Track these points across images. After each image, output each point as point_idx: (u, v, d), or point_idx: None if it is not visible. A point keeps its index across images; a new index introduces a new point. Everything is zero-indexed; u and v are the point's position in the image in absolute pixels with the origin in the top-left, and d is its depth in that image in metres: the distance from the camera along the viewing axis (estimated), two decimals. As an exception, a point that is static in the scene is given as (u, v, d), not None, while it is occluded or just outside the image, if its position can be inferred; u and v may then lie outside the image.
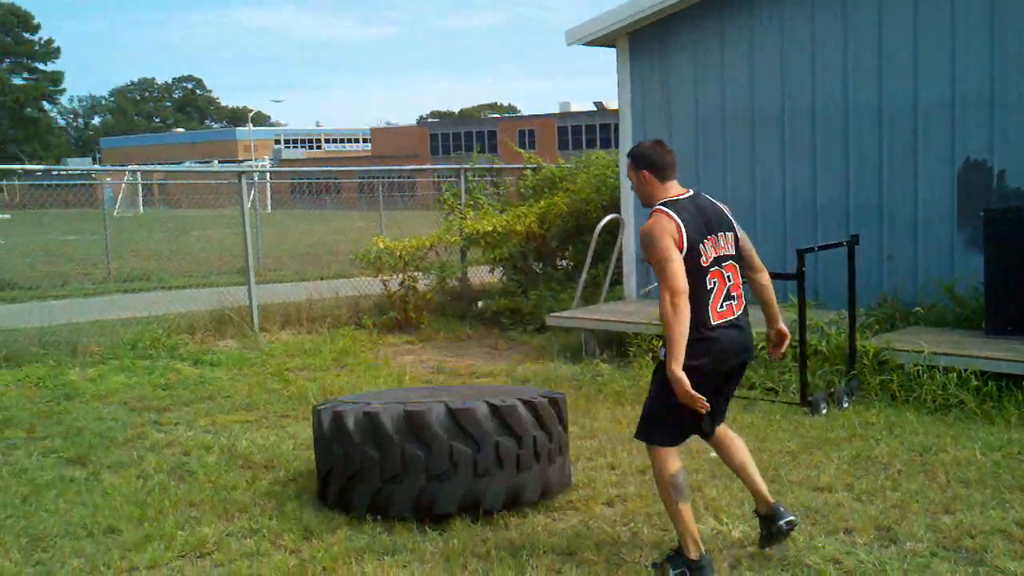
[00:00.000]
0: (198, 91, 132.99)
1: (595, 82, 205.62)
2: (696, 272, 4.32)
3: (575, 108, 71.53)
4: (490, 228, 12.17)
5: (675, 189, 4.54)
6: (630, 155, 4.68)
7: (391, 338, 11.39)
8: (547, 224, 12.50)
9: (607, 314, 9.91)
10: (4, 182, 34.54)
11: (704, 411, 4.32)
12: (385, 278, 11.89)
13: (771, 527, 4.67)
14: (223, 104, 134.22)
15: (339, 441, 5.30)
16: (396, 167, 29.61)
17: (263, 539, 5.00)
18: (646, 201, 4.58)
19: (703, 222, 4.44)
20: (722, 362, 4.46)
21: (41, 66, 78.64)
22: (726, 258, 4.49)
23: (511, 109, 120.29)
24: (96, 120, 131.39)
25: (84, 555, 4.84)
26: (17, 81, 76.95)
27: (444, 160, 71.11)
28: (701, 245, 4.36)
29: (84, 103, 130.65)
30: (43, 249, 24.10)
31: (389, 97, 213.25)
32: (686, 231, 4.32)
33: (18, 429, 7.23)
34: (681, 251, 4.28)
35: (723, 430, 4.81)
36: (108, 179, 48.53)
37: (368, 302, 12.34)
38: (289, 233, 29.97)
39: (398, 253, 11.67)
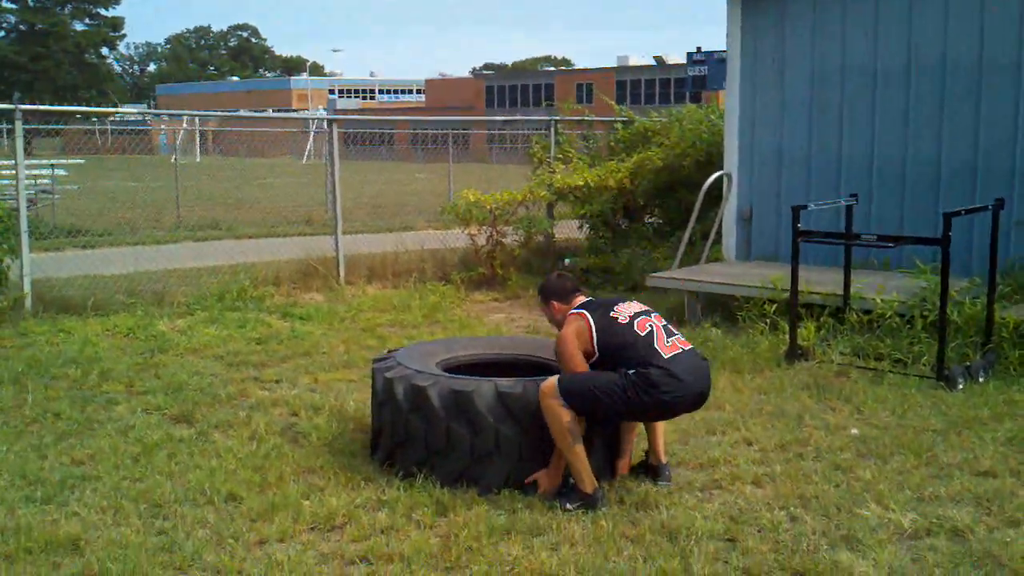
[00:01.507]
0: (253, 39, 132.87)
1: (655, 36, 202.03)
2: (622, 331, 4.85)
3: (634, 62, 70.38)
4: (581, 183, 11.73)
5: (582, 300, 5.16)
6: (539, 293, 5.43)
7: (478, 295, 11.03)
8: (638, 180, 12.03)
9: (713, 276, 9.44)
10: (65, 126, 34.47)
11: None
12: (473, 232, 11.50)
13: (652, 477, 5.11)
14: (277, 53, 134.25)
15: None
16: (491, 118, 29.11)
17: (395, 513, 4.66)
18: (559, 325, 5.12)
19: (604, 305, 5.02)
20: (689, 394, 4.80)
21: (103, 11, 78.64)
22: (644, 312, 4.99)
23: (565, 62, 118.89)
24: (151, 67, 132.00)
25: (208, 525, 4.53)
26: (78, 27, 77.04)
27: (499, 112, 70.50)
28: (609, 314, 4.92)
29: (140, 50, 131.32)
30: (108, 196, 24.01)
31: (443, 48, 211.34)
32: (593, 319, 4.89)
33: (117, 383, 6.95)
34: (592, 339, 4.85)
35: None
36: (163, 126, 48.53)
37: (453, 256, 11.98)
38: (351, 184, 29.67)
39: (488, 207, 11.26)
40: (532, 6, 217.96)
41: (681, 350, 4.85)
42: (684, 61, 59.74)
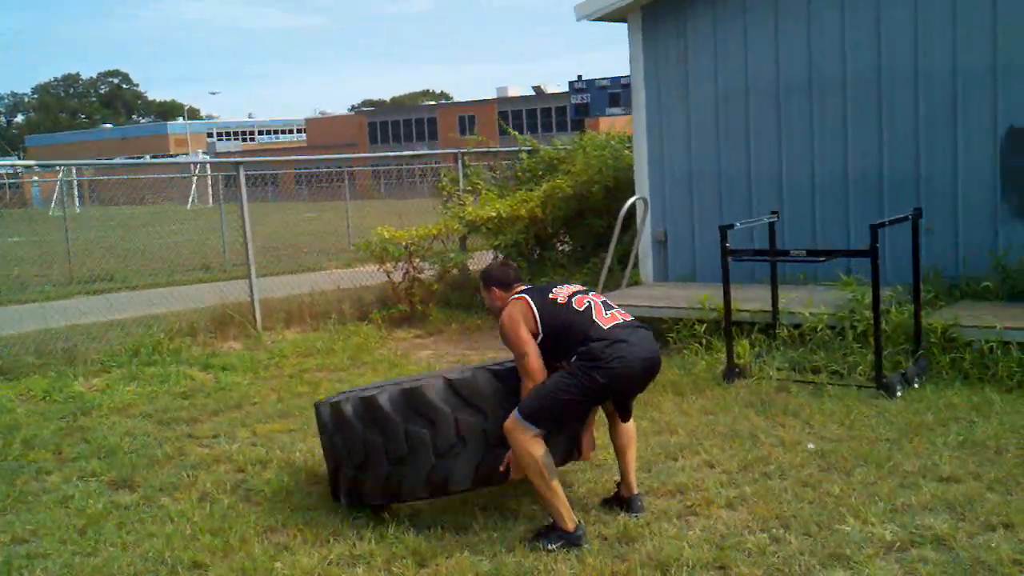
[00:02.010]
0: (124, 86, 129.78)
1: (528, 67, 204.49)
2: (562, 310, 4.89)
3: (513, 93, 71.00)
4: (493, 214, 11.66)
5: (521, 288, 5.16)
6: (481, 278, 5.42)
7: (400, 332, 10.84)
8: (548, 208, 12.03)
9: (638, 299, 9.46)
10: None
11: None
12: (389, 269, 11.32)
13: (626, 509, 5.04)
14: (151, 99, 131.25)
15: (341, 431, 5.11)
16: (400, 154, 28.82)
17: (373, 567, 4.47)
18: (498, 312, 5.11)
19: (542, 290, 5.06)
20: (635, 359, 4.77)
21: (-37, 63, 76.14)
22: (581, 291, 5.06)
23: (444, 96, 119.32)
24: (19, 118, 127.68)
25: (177, 596, 4.27)
26: (-62, 79, 74.34)
27: (383, 148, 70.20)
28: (548, 296, 4.98)
29: (6, 101, 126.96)
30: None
31: (320, 88, 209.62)
32: (533, 301, 4.92)
33: (43, 451, 6.56)
34: (535, 319, 4.84)
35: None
36: (35, 178, 46.91)
37: (370, 295, 11.77)
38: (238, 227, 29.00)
39: (403, 243, 11.10)
40: (406, 41, 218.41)
41: (621, 320, 4.92)
42: (562, 90, 60.67)
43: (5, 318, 11.16)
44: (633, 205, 10.57)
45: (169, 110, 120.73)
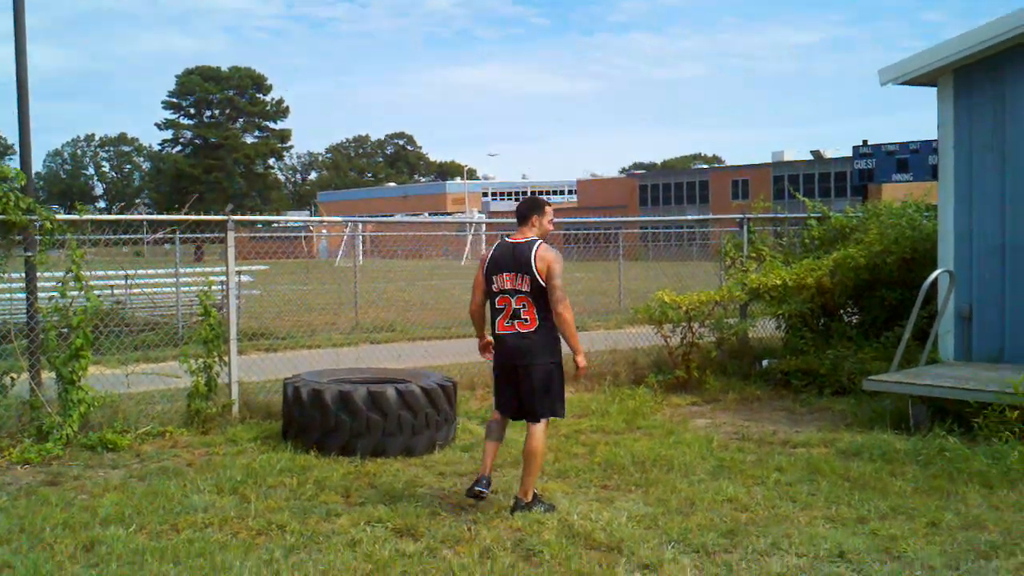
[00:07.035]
0: (408, 147, 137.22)
1: (802, 131, 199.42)
2: (489, 295, 6.46)
3: (789, 157, 69.48)
4: (779, 282, 11.22)
5: (516, 235, 6.49)
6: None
7: (675, 398, 10.57)
8: (838, 277, 11.45)
9: (940, 379, 8.76)
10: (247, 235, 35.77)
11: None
12: (666, 333, 11.12)
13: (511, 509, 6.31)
14: (432, 159, 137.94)
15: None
16: (682, 218, 29.00)
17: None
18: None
19: (499, 263, 6.39)
20: (504, 359, 6.43)
21: (272, 124, 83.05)
22: (514, 292, 6.31)
23: (716, 159, 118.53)
24: (313, 175, 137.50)
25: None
26: (248, 139, 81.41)
27: (653, 211, 70.36)
28: (493, 277, 6.41)
29: (302, 159, 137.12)
30: (283, 299, 24.56)
31: (591, 150, 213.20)
32: (486, 265, 6.47)
33: (333, 493, 6.76)
34: (481, 273, 6.49)
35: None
36: (324, 231, 50.41)
37: (644, 358, 11.60)
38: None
39: (683, 308, 10.87)
40: (677, 105, 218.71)
41: (513, 331, 6.30)
42: (842, 154, 58.68)
43: (300, 361, 11.76)
44: (920, 278, 9.87)
45: (448, 170, 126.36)
